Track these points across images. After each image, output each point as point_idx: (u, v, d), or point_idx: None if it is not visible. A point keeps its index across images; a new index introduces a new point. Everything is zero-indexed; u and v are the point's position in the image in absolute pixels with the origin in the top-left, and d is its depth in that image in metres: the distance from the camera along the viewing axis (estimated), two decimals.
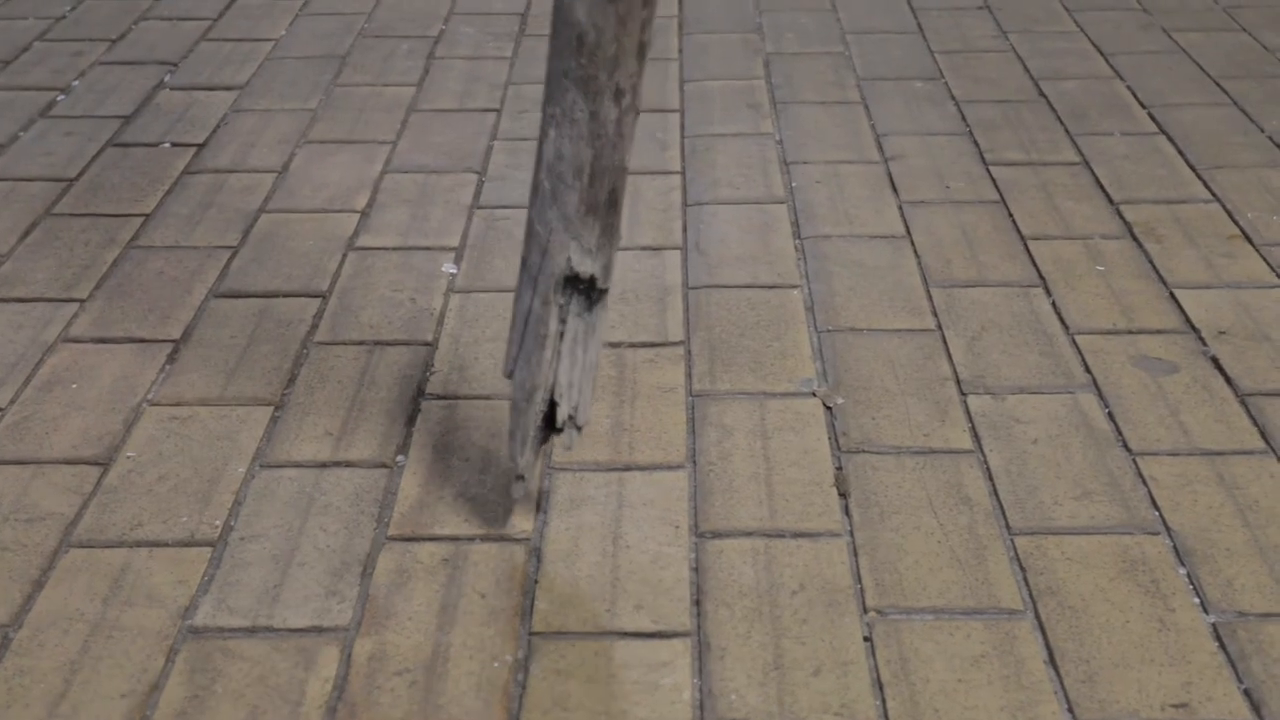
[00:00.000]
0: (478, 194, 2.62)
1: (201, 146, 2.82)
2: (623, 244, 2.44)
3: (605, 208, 1.62)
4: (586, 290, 1.66)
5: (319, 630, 1.60)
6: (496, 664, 1.55)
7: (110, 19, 3.53)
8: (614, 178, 1.60)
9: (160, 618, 1.61)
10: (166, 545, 1.73)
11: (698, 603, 1.64)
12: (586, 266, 1.63)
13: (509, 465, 1.67)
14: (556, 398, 1.67)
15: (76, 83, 3.13)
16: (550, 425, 1.71)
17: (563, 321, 1.66)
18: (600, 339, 1.70)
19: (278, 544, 1.73)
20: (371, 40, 3.40)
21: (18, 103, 3.02)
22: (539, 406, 1.67)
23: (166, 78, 3.16)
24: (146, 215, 2.54)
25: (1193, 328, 2.18)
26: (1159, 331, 2.18)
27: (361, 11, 3.58)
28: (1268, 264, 2.36)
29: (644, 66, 1.56)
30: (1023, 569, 1.69)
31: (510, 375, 1.69)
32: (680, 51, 3.33)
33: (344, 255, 2.40)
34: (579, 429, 1.70)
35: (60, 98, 3.05)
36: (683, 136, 2.88)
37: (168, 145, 2.82)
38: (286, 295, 2.28)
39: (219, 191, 2.63)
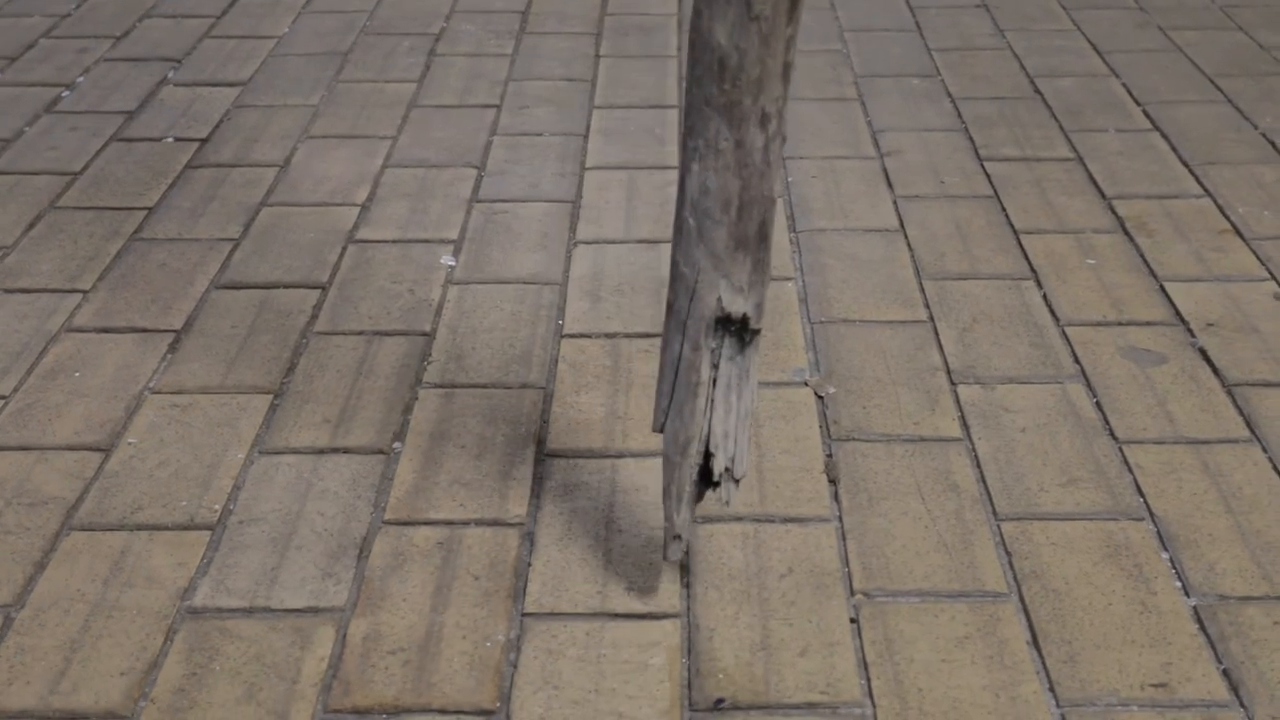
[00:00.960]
0: (477, 188, 2.65)
1: (205, 141, 2.85)
2: (620, 237, 2.47)
3: (756, 241, 1.52)
4: (738, 332, 1.56)
5: (315, 611, 1.63)
6: (489, 643, 1.58)
7: (114, 16, 3.56)
8: (763, 209, 1.51)
9: (160, 598, 1.64)
10: (166, 529, 1.76)
11: (688, 585, 1.67)
12: (738, 306, 1.53)
13: (665, 526, 1.60)
14: (712, 449, 1.58)
15: (81, 79, 3.16)
16: (706, 479, 1.61)
17: (715, 367, 1.56)
18: (755, 383, 1.60)
19: (276, 527, 1.76)
20: (373, 38, 3.43)
21: (24, 98, 3.05)
22: (694, 460, 1.58)
23: (170, 74, 3.20)
24: (150, 208, 2.57)
25: (1182, 320, 2.21)
26: (1148, 323, 2.20)
27: (363, 9, 3.61)
28: (1258, 258, 2.39)
29: (789, 88, 1.47)
30: (1008, 553, 1.72)
31: (661, 429, 1.60)
32: (679, 49, 3.36)
33: (344, 247, 2.43)
34: (736, 481, 1.60)
35: (65, 94, 3.08)
36: (680, 133, 2.90)
37: (171, 140, 2.86)
38: (287, 286, 2.31)
39: (221, 185, 2.66)
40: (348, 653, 1.57)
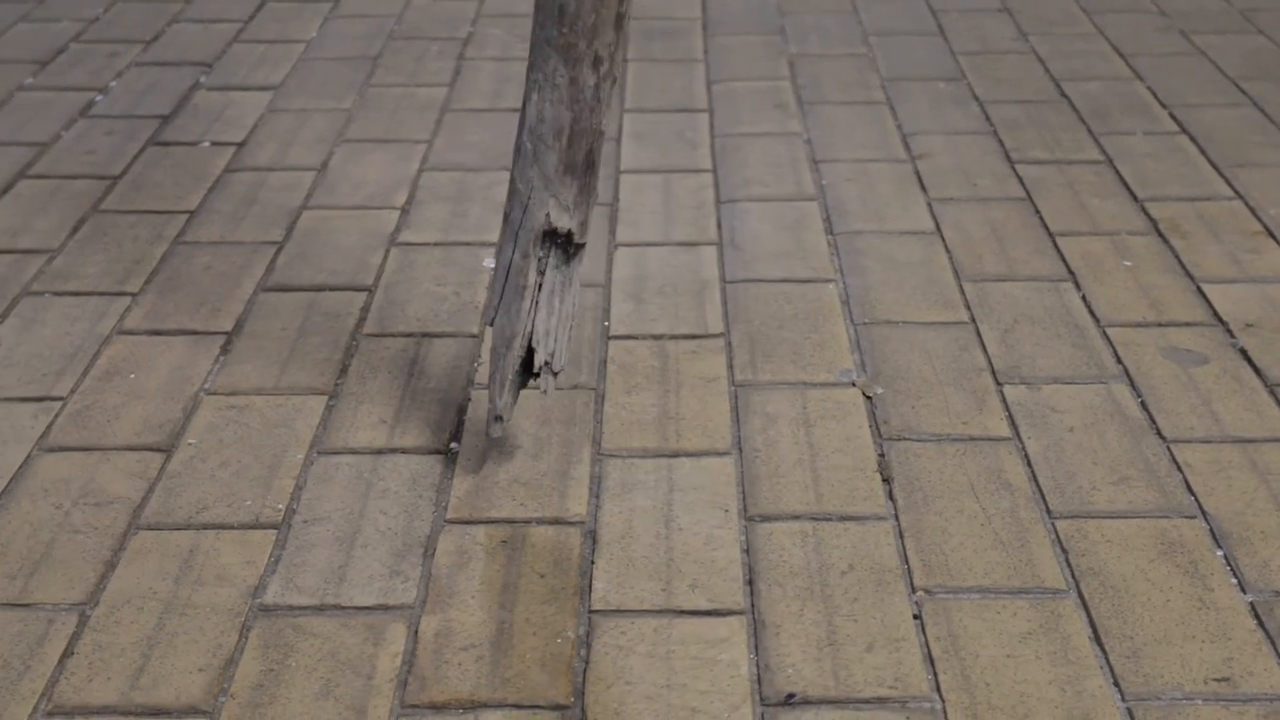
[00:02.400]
0: None
1: (241, 145, 2.87)
2: (659, 240, 2.49)
3: (583, 168, 1.73)
4: (564, 244, 1.77)
5: (385, 608, 1.65)
6: (559, 640, 1.60)
7: (143, 21, 3.58)
8: (591, 140, 1.72)
9: (231, 596, 1.66)
10: (232, 528, 1.78)
11: (750, 582, 1.70)
12: (564, 222, 1.74)
13: (489, 407, 1.80)
14: (534, 345, 1.79)
15: (114, 83, 3.18)
16: (528, 370, 1.83)
17: (541, 273, 1.77)
18: (577, 290, 1.81)
19: (340, 527, 1.78)
20: (402, 42, 3.45)
21: (57, 103, 3.07)
22: (517, 353, 1.79)
23: (202, 78, 3.22)
24: (191, 212, 2.59)
25: (1220, 320, 2.24)
26: (1188, 324, 2.23)
27: (390, 14, 3.64)
28: None
29: (621, 36, 1.67)
30: (1064, 550, 1.74)
31: (491, 324, 1.80)
32: (706, 53, 3.39)
33: (387, 250, 2.46)
34: (555, 374, 1.81)
35: (99, 98, 3.10)
36: (712, 136, 2.93)
37: (207, 144, 2.88)
38: (333, 289, 2.33)
39: (260, 189, 2.68)
40: (421, 649, 1.59)
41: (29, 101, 3.08)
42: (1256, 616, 1.64)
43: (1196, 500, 1.83)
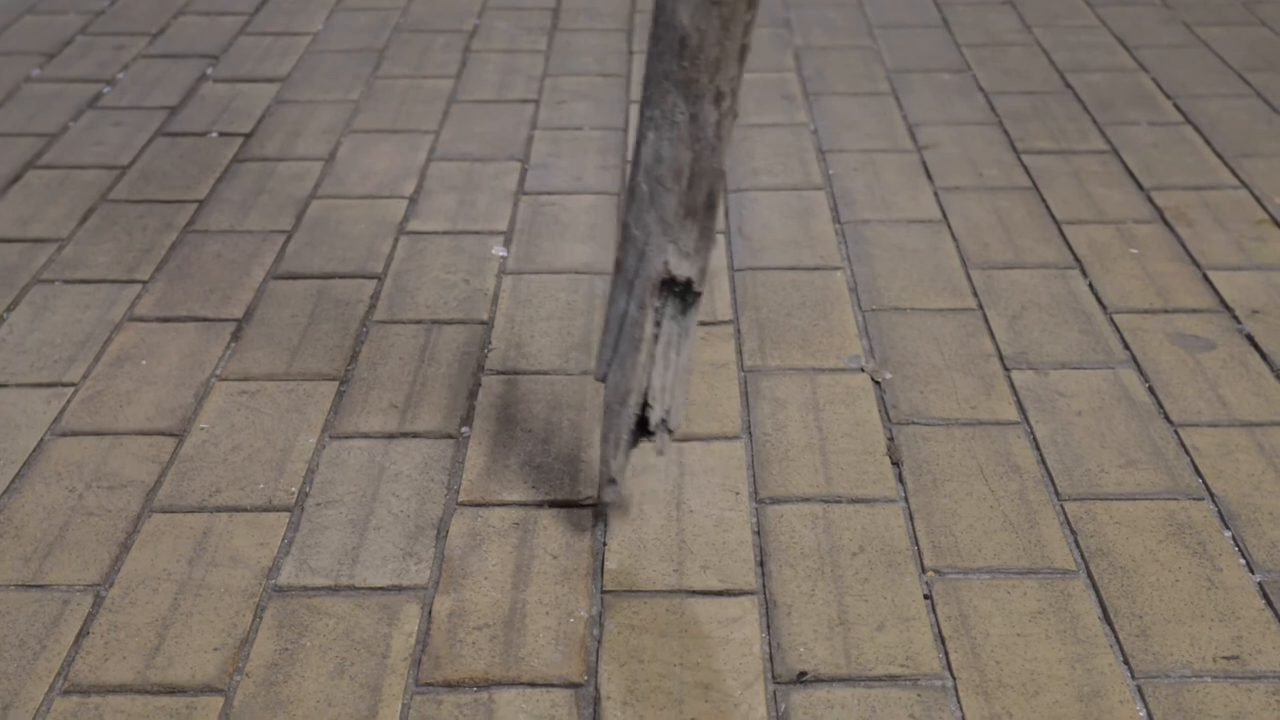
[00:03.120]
0: (522, 181, 2.69)
1: (249, 136, 2.88)
2: None
3: (703, 211, 1.61)
4: (682, 294, 1.65)
5: (399, 589, 1.66)
6: (572, 619, 1.61)
7: (149, 14, 3.59)
8: (712, 180, 1.59)
9: (245, 577, 1.67)
10: (245, 510, 1.79)
11: (761, 563, 1.70)
12: (684, 269, 1.62)
13: (602, 468, 1.69)
14: (650, 401, 1.67)
15: (121, 75, 3.19)
16: (643, 429, 1.71)
17: (658, 325, 1.65)
18: (693, 342, 1.67)
19: (353, 509, 1.79)
20: (408, 34, 3.46)
21: (65, 94, 3.08)
22: (633, 410, 1.67)
23: (209, 70, 3.22)
24: (200, 201, 2.60)
25: (1226, 307, 2.25)
26: (1194, 311, 2.24)
27: (396, 6, 3.64)
28: None
29: (743, 70, 1.55)
30: (1073, 532, 1.75)
31: (603, 379, 1.69)
32: None
33: (396, 239, 2.47)
34: (671, 433, 1.70)
35: (106, 89, 3.11)
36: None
37: (215, 135, 2.89)
38: (343, 277, 2.34)
39: (269, 178, 2.69)
40: (435, 629, 1.60)
41: (37, 93, 3.09)
42: (1265, 596, 1.65)
43: (1204, 482, 1.84)
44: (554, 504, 1.80)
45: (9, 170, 2.72)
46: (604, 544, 1.73)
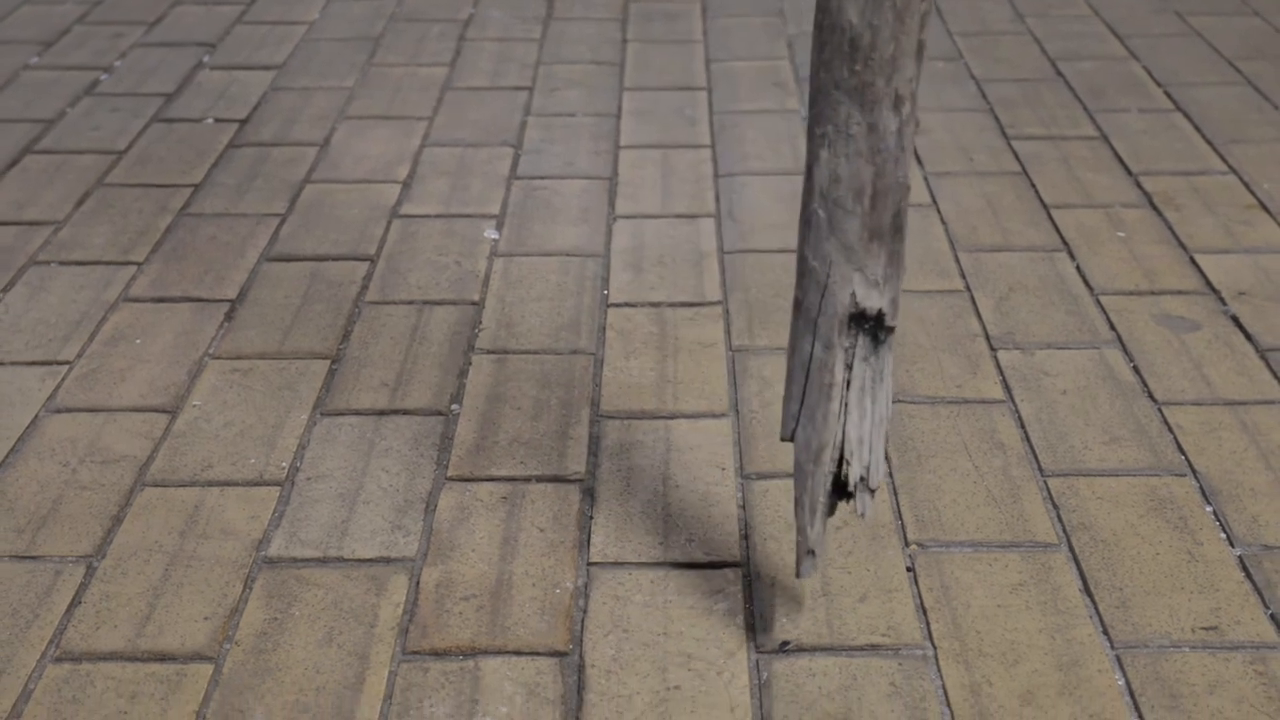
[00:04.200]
0: (515, 166, 2.70)
1: (244, 122, 2.90)
2: (658, 212, 2.52)
3: (890, 232, 1.44)
4: (873, 329, 1.47)
5: (387, 560, 1.68)
6: (558, 590, 1.63)
7: (145, 3, 3.61)
8: (898, 197, 1.43)
9: (235, 549, 1.69)
10: (237, 485, 1.80)
11: (746, 536, 1.72)
12: (873, 301, 1.45)
13: (798, 539, 1.52)
14: (847, 456, 1.49)
15: (118, 63, 3.21)
16: (838, 488, 1.52)
17: (849, 368, 1.47)
18: (890, 385, 1.51)
19: (343, 484, 1.81)
20: (403, 23, 3.48)
21: (63, 81, 3.10)
22: (828, 468, 1.50)
23: (205, 58, 3.24)
24: (195, 185, 2.62)
25: (1213, 289, 2.26)
26: (1180, 292, 2.26)
27: None
28: None
29: (921, 70, 1.41)
30: (1056, 507, 1.77)
31: (791, 437, 1.51)
32: (705, 34, 3.41)
33: (389, 222, 2.48)
34: (872, 492, 1.51)
35: (103, 77, 3.13)
36: (711, 113, 2.96)
37: (211, 121, 2.90)
38: (336, 259, 2.36)
39: (264, 163, 2.71)
40: (422, 599, 1.61)
41: (34, 80, 3.11)
42: (1244, 569, 1.67)
43: (1187, 459, 1.86)
44: (542, 479, 1.82)
45: (6, 155, 2.74)
46: (590, 518, 1.75)
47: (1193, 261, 2.35)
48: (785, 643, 1.56)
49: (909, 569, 1.67)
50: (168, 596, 1.62)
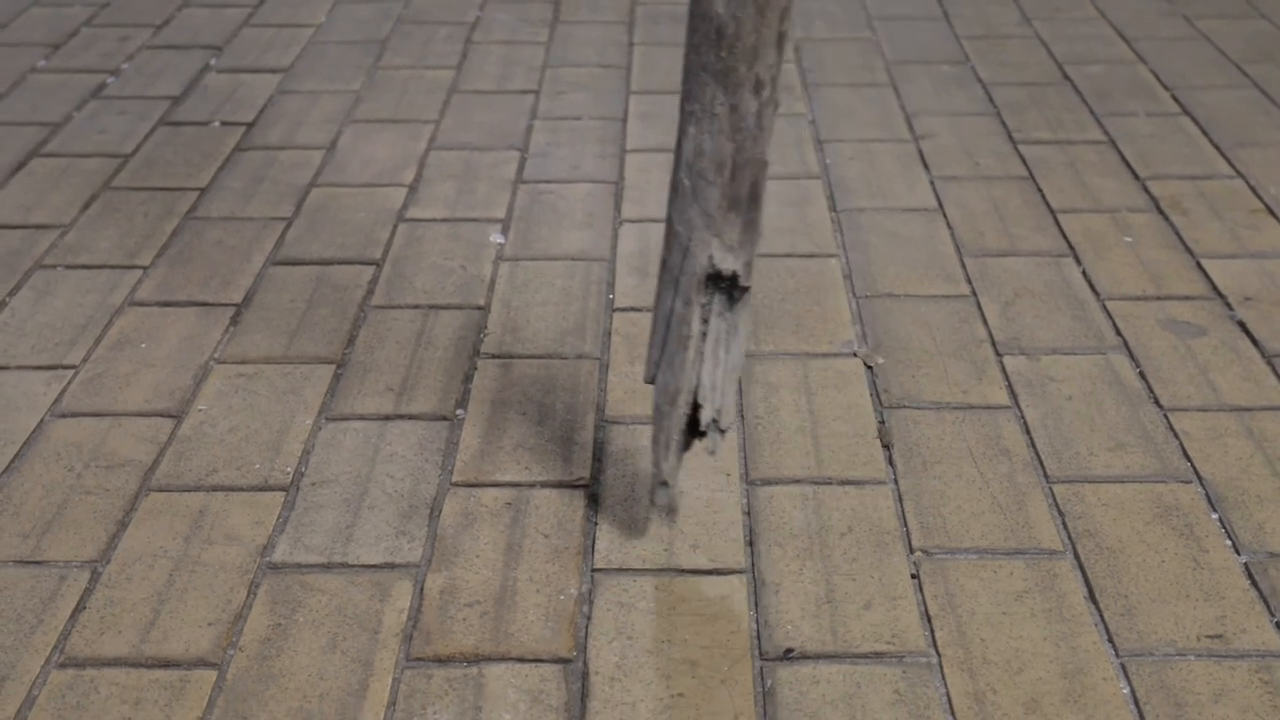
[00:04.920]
0: (520, 170, 2.70)
1: (251, 125, 2.90)
2: (664, 216, 2.52)
3: (747, 203, 1.58)
4: (728, 289, 1.62)
5: (391, 566, 1.68)
6: (562, 596, 1.63)
7: (153, 6, 3.61)
8: (755, 171, 1.57)
9: (240, 554, 1.69)
10: (241, 490, 1.81)
11: (751, 543, 1.72)
12: (729, 264, 1.59)
13: (653, 472, 1.67)
14: (700, 400, 1.64)
15: (125, 65, 3.21)
16: (694, 429, 1.68)
17: (705, 322, 1.62)
18: (743, 339, 1.66)
19: (347, 489, 1.81)
20: (410, 26, 3.48)
21: (70, 84, 3.10)
22: (683, 410, 1.65)
23: (212, 61, 3.25)
24: (202, 189, 2.62)
25: (1219, 294, 2.26)
26: (1187, 298, 2.25)
27: None
28: None
29: (783, 57, 1.55)
30: (1061, 514, 1.77)
31: (652, 380, 1.67)
32: None
33: (395, 226, 2.48)
34: (722, 432, 1.66)
35: (110, 80, 3.13)
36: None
37: (218, 124, 2.91)
38: (342, 263, 2.36)
39: (270, 167, 2.71)
40: (426, 605, 1.61)
41: (41, 83, 3.11)
42: (1250, 577, 1.66)
43: (1193, 466, 1.85)
44: (547, 485, 1.82)
45: (13, 158, 2.74)
46: (595, 524, 1.75)
47: (1199, 266, 2.34)
48: (789, 650, 1.56)
49: (914, 576, 1.67)
50: (172, 602, 1.62)
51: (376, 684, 1.50)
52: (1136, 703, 1.49)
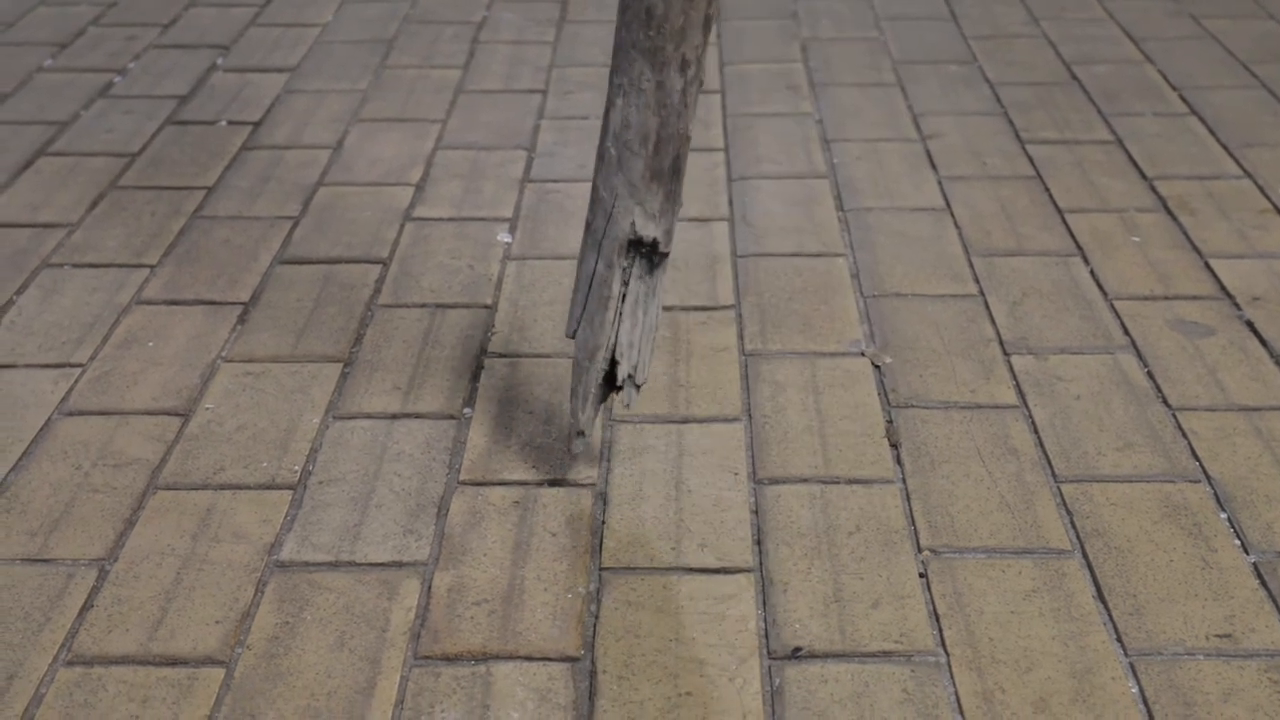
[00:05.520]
0: (528, 169, 2.70)
1: (257, 124, 2.90)
2: None
3: (669, 174, 1.68)
4: (648, 254, 1.72)
5: (399, 565, 1.67)
6: (570, 595, 1.63)
7: (160, 5, 3.61)
8: (678, 145, 1.66)
9: (248, 553, 1.69)
10: (249, 488, 1.80)
11: (759, 542, 1.72)
12: (650, 230, 1.68)
13: (570, 421, 1.77)
14: (618, 357, 1.74)
15: (132, 65, 3.22)
16: (611, 383, 1.78)
17: (625, 284, 1.72)
18: (660, 301, 1.76)
19: (355, 487, 1.81)
20: (416, 26, 3.48)
21: (77, 83, 3.11)
22: (600, 365, 1.74)
23: (219, 60, 3.25)
24: (209, 188, 2.62)
25: (1227, 294, 2.26)
26: (1195, 298, 2.25)
27: None
28: None
29: (708, 39, 1.63)
30: (1069, 513, 1.77)
31: (573, 336, 1.76)
32: (719, 36, 3.41)
33: (402, 225, 2.48)
34: (638, 387, 1.77)
35: (117, 79, 3.14)
36: (724, 116, 2.95)
37: (224, 123, 2.91)
38: (349, 262, 2.36)
39: (277, 166, 2.71)
40: (434, 603, 1.61)
41: (49, 83, 3.11)
42: (1259, 576, 1.66)
43: (1201, 465, 1.85)
44: (554, 483, 1.82)
45: (21, 157, 2.75)
46: (603, 522, 1.75)
47: (1207, 266, 2.34)
48: (798, 649, 1.55)
49: (922, 575, 1.66)
50: (179, 600, 1.62)
51: (384, 682, 1.50)
52: (1145, 702, 1.48)
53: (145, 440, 1.90)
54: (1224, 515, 1.76)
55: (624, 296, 1.72)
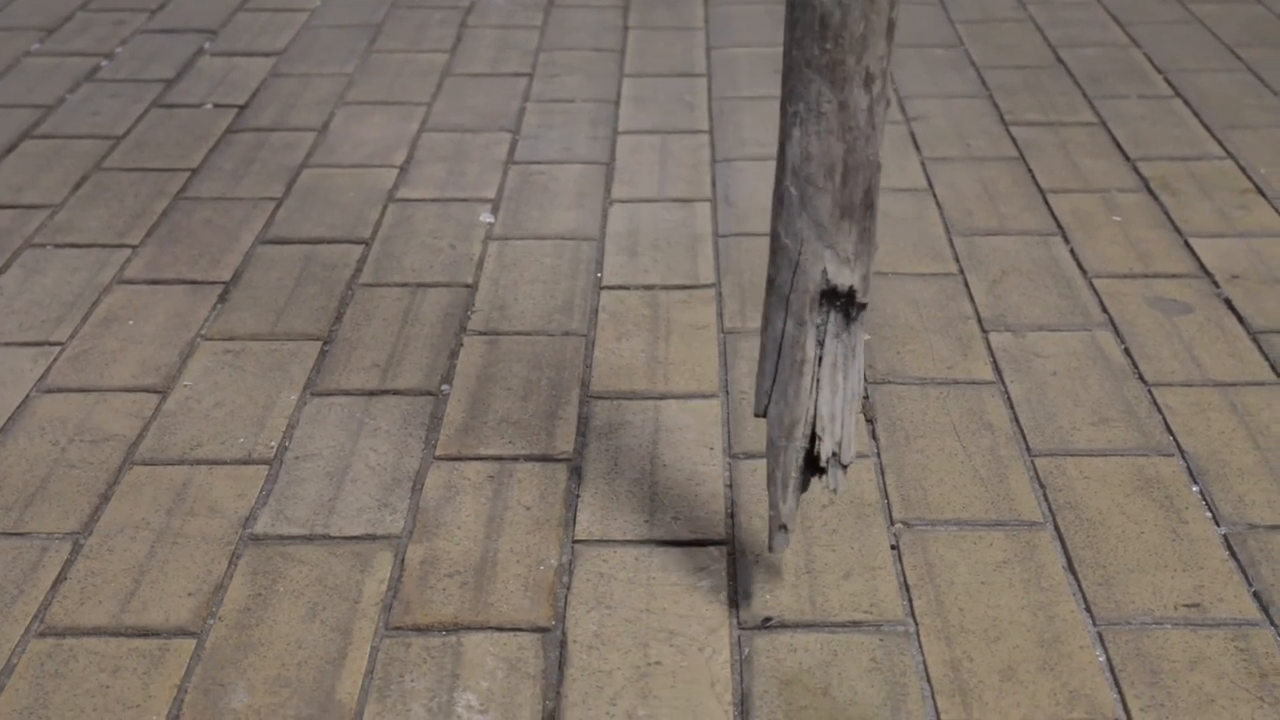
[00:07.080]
0: (512, 151, 2.71)
1: (243, 108, 2.90)
2: (654, 196, 2.52)
3: (861, 209, 1.44)
4: (844, 306, 1.47)
5: (373, 538, 1.68)
6: (542, 567, 1.63)
7: None
8: (869, 175, 1.43)
9: (222, 526, 1.70)
10: (225, 463, 1.81)
11: (732, 515, 1.72)
12: (844, 278, 1.45)
13: (771, 514, 1.53)
14: (819, 432, 1.50)
15: (119, 49, 3.22)
16: (810, 464, 1.53)
17: (820, 344, 1.48)
18: (861, 363, 1.52)
19: (331, 463, 1.81)
20: (404, 10, 3.48)
21: (63, 67, 3.11)
22: (800, 443, 1.50)
23: (206, 45, 3.25)
24: (193, 170, 2.63)
25: (1206, 272, 2.26)
26: (1174, 276, 2.25)
27: None
28: None
29: (892, 48, 1.40)
30: (1042, 486, 1.77)
31: (764, 413, 1.52)
32: (706, 21, 3.41)
33: (384, 206, 2.49)
34: (844, 467, 1.52)
35: (104, 63, 3.14)
36: (710, 99, 2.96)
37: (210, 106, 2.91)
38: (331, 242, 2.36)
39: (261, 148, 2.71)
40: (406, 576, 1.62)
41: (35, 66, 3.12)
42: (1229, 548, 1.66)
43: (1175, 439, 1.86)
44: (530, 458, 1.82)
45: (5, 140, 2.75)
46: (577, 496, 1.75)
47: (1187, 245, 2.34)
48: (768, 618, 1.56)
49: (894, 547, 1.67)
50: (153, 573, 1.62)
51: (355, 652, 1.51)
52: (1112, 670, 1.49)
53: (123, 417, 1.90)
54: (1196, 488, 1.76)
55: (820, 359, 1.48)
